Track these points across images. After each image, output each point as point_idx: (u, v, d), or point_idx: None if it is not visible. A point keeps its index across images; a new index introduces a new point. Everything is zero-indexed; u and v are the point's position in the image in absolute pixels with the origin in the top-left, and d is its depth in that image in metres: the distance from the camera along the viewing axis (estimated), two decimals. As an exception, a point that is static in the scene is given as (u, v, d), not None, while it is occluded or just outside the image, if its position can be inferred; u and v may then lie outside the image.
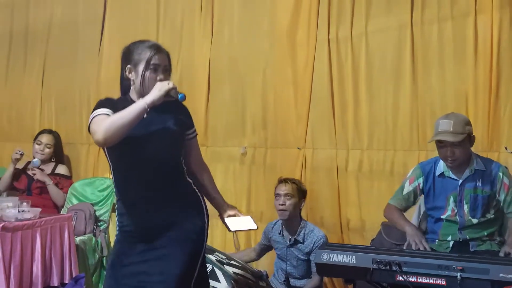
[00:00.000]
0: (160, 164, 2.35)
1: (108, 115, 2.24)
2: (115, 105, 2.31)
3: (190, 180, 2.48)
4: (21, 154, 4.42)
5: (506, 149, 3.47)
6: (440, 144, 3.02)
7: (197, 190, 2.49)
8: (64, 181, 4.52)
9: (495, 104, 3.51)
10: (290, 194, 3.41)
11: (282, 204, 3.40)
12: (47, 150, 4.55)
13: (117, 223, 2.46)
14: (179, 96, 2.27)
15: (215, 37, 4.44)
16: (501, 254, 2.88)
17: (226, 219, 2.53)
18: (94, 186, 4.52)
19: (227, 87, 4.38)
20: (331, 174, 3.99)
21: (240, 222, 2.52)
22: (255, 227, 2.54)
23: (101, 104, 2.34)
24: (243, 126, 4.32)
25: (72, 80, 4.99)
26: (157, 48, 2.38)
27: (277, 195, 3.45)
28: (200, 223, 2.44)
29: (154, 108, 2.23)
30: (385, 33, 3.84)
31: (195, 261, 2.40)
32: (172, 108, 2.40)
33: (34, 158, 4.51)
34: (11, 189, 4.52)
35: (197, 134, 2.56)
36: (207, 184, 2.59)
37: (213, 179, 2.64)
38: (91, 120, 2.27)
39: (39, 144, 4.55)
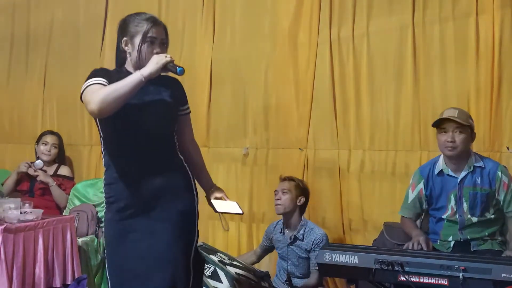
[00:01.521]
0: (153, 134, 2.34)
1: (103, 84, 2.22)
2: (111, 76, 2.30)
3: (182, 157, 2.47)
4: (29, 167, 4.41)
5: (508, 149, 3.47)
6: (442, 130, 3.04)
7: (187, 168, 2.47)
8: (67, 183, 4.53)
9: (497, 104, 3.51)
10: (286, 190, 3.51)
11: (278, 199, 3.50)
12: (54, 150, 4.56)
13: (105, 194, 2.41)
14: (178, 70, 2.25)
15: (216, 38, 4.44)
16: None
17: (213, 201, 2.52)
18: (96, 187, 4.51)
19: (229, 88, 4.39)
20: (333, 175, 3.99)
21: (227, 205, 2.51)
22: (241, 212, 2.52)
23: (95, 73, 2.32)
24: (245, 127, 4.32)
25: (74, 82, 4.94)
26: (154, 21, 2.36)
27: (275, 192, 3.57)
28: (191, 202, 2.43)
29: (149, 81, 2.22)
30: (387, 34, 3.84)
31: (190, 242, 2.39)
32: (168, 82, 2.42)
33: (37, 159, 4.52)
34: (14, 191, 4.53)
35: (190, 112, 2.54)
36: (197, 163, 2.57)
37: (202, 158, 2.63)
38: (85, 88, 2.24)
39: (45, 145, 4.55)
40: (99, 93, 2.16)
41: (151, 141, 2.34)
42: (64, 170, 4.59)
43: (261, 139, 4.26)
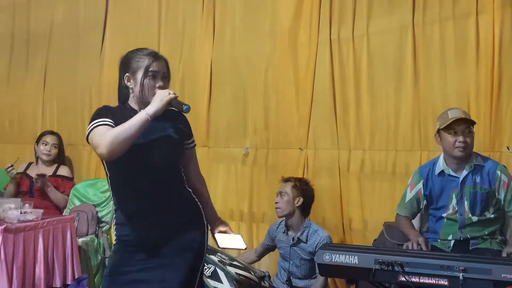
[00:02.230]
0: (161, 173, 2.33)
1: (109, 125, 2.21)
2: (114, 114, 2.29)
3: (190, 189, 2.46)
4: (11, 166, 4.34)
5: (508, 149, 3.47)
6: (451, 130, 3.03)
7: (196, 199, 2.47)
8: (66, 183, 4.52)
9: (497, 104, 3.51)
10: (284, 192, 3.51)
11: (277, 202, 3.52)
12: (54, 150, 4.55)
13: (115, 232, 2.41)
14: (184, 108, 2.25)
15: (216, 38, 4.44)
16: (504, 255, 2.87)
17: (217, 235, 2.50)
18: (96, 187, 4.52)
19: (229, 88, 4.39)
20: (333, 175, 3.99)
21: (230, 240, 2.49)
22: (244, 247, 2.51)
23: (100, 113, 2.30)
24: (245, 127, 4.32)
25: (74, 82, 4.99)
26: (155, 56, 2.36)
27: (277, 194, 3.56)
28: (200, 233, 2.43)
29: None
30: (387, 34, 3.84)
31: (195, 271, 2.38)
32: (172, 116, 2.39)
33: (37, 159, 4.51)
34: (17, 194, 4.50)
35: (195, 145, 2.54)
36: (202, 196, 2.54)
37: (208, 191, 2.61)
38: (91, 130, 2.23)
39: (45, 145, 4.54)
40: (107, 136, 2.15)
41: (159, 180, 2.33)
42: (63, 170, 4.58)
43: (261, 139, 4.26)
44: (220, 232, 2.51)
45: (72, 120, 4.98)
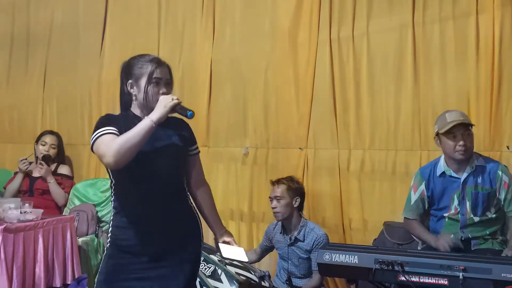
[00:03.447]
0: (165, 180, 2.34)
1: (114, 133, 2.21)
2: (118, 122, 2.29)
3: (192, 204, 2.48)
4: (25, 159, 4.41)
5: (508, 148, 3.47)
6: (451, 135, 3.02)
7: (197, 215, 2.48)
8: (66, 181, 4.53)
9: (497, 103, 3.50)
10: (279, 197, 3.47)
11: (274, 207, 3.48)
12: (52, 150, 4.56)
13: (111, 235, 2.39)
14: (188, 114, 2.23)
15: (216, 38, 4.44)
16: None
17: (221, 245, 2.52)
18: (96, 187, 4.53)
19: (229, 88, 4.39)
20: (333, 174, 3.98)
21: (233, 251, 2.50)
22: (246, 260, 2.54)
23: (103, 122, 2.29)
24: (245, 126, 4.32)
25: (74, 82, 5.00)
26: (158, 62, 2.35)
27: (270, 199, 3.53)
28: (197, 247, 2.46)
29: (158, 125, 2.20)
30: (387, 33, 3.84)
31: (192, 282, 2.41)
32: (175, 123, 2.41)
33: (37, 159, 4.52)
34: (19, 192, 4.51)
35: (199, 151, 2.54)
36: (207, 204, 2.55)
37: (213, 199, 2.60)
38: (96, 139, 2.22)
39: (44, 145, 4.55)
40: (112, 145, 2.14)
41: (163, 188, 2.34)
42: (63, 169, 4.59)
43: (261, 138, 4.26)
44: (224, 242, 2.52)
45: (72, 120, 4.99)
